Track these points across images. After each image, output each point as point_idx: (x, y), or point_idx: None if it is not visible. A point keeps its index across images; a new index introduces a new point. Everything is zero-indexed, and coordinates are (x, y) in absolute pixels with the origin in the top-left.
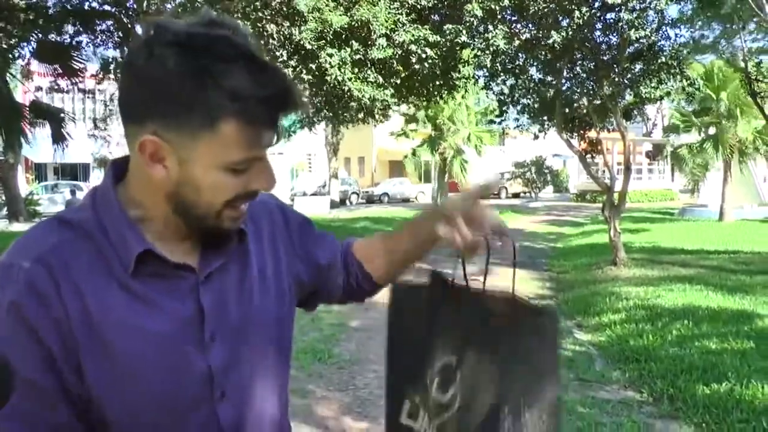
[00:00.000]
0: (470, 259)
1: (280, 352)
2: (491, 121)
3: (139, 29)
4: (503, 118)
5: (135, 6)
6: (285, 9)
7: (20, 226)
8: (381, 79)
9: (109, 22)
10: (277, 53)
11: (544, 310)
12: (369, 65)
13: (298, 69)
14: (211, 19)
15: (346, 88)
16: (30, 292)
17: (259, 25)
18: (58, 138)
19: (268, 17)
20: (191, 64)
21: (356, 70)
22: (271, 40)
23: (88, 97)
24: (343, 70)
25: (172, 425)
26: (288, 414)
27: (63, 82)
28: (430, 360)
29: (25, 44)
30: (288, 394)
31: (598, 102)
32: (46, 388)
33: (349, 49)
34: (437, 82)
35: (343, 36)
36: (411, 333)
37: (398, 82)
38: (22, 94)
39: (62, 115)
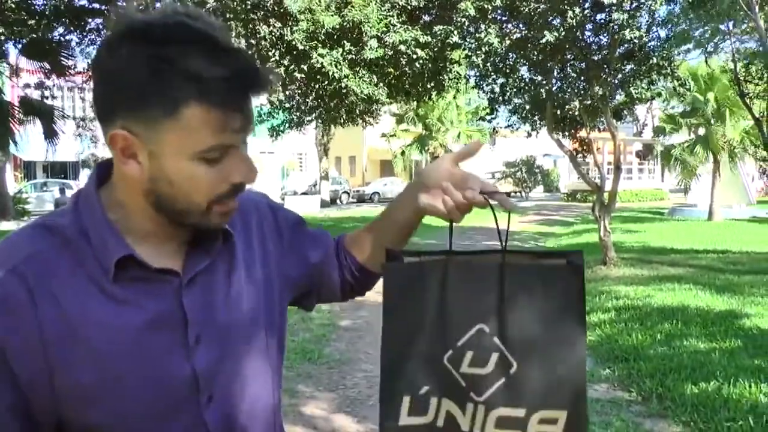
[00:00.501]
0: (459, 221)
1: (271, 353)
2: (482, 119)
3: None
4: (494, 116)
5: (125, 4)
6: (276, 8)
7: (8, 225)
8: (375, 79)
9: (99, 20)
10: (270, 53)
11: (566, 252)
12: (361, 65)
13: (290, 69)
14: (174, 9)
15: (343, 85)
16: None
17: (251, 26)
18: (50, 134)
19: (260, 17)
20: (148, 53)
21: (350, 69)
22: (263, 42)
23: (79, 96)
24: (339, 68)
25: (157, 429)
26: (281, 415)
27: (50, 81)
28: (446, 338)
29: (13, 41)
30: (281, 395)
31: (589, 102)
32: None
33: (341, 50)
34: (429, 84)
35: (335, 37)
36: (414, 315)
37: (391, 81)
38: (11, 90)
39: (54, 110)
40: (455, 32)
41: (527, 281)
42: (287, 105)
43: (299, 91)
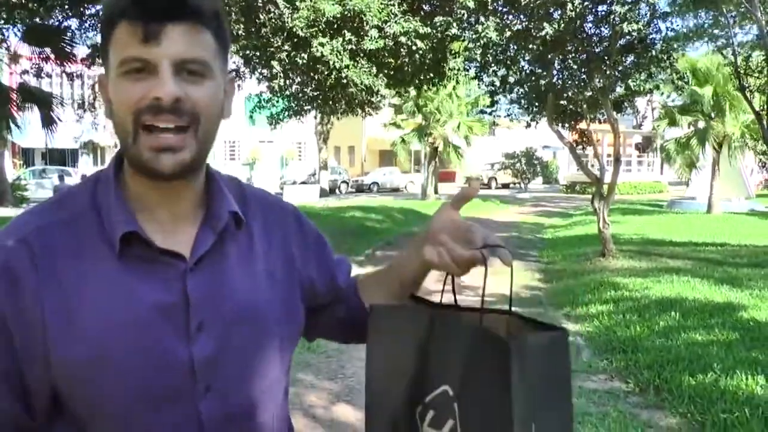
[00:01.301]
0: (462, 277)
1: (283, 349)
2: (482, 112)
3: None
4: (494, 109)
5: None
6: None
7: (7, 212)
8: (375, 69)
9: (98, 6)
10: (271, 40)
11: (553, 327)
12: (362, 55)
13: (291, 55)
14: None
15: (343, 75)
16: (3, 272)
17: (253, 14)
18: (48, 122)
19: (260, 5)
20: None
21: (350, 59)
22: (263, 29)
23: (76, 81)
24: (340, 57)
25: (147, 416)
26: (288, 412)
27: (49, 66)
28: (419, 391)
29: (12, 26)
30: (288, 392)
31: (589, 94)
32: None
33: (341, 39)
34: (429, 75)
35: (336, 26)
36: (396, 361)
37: (391, 72)
38: (8, 76)
39: (52, 98)
40: (455, 24)
41: (490, 355)
42: (287, 93)
43: (299, 80)
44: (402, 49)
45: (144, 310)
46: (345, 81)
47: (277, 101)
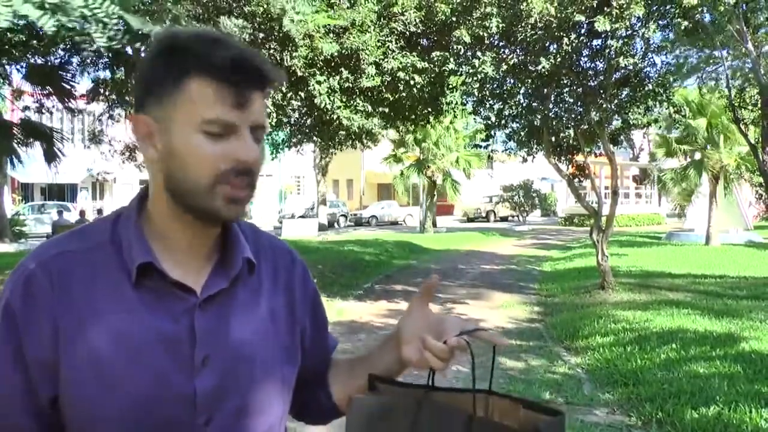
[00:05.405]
0: (445, 371)
1: (285, 389)
2: (476, 146)
3: (129, 50)
4: (489, 143)
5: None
6: (277, 33)
7: (5, 247)
8: (370, 108)
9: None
10: None
11: (547, 408)
12: (358, 93)
13: (288, 95)
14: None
15: (335, 116)
16: (24, 292)
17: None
18: (51, 157)
19: (261, 41)
20: (163, 47)
21: (345, 98)
22: None
23: (76, 117)
24: (332, 98)
25: None
26: None
27: (50, 102)
28: None
29: (15, 64)
30: (286, 429)
31: (586, 127)
32: (6, 380)
33: (338, 77)
34: (426, 110)
35: (333, 64)
36: None
37: (387, 110)
38: (10, 112)
39: (54, 133)
40: (452, 59)
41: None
42: (285, 123)
43: (296, 115)
44: (400, 84)
45: (152, 340)
46: (338, 120)
47: (278, 134)
